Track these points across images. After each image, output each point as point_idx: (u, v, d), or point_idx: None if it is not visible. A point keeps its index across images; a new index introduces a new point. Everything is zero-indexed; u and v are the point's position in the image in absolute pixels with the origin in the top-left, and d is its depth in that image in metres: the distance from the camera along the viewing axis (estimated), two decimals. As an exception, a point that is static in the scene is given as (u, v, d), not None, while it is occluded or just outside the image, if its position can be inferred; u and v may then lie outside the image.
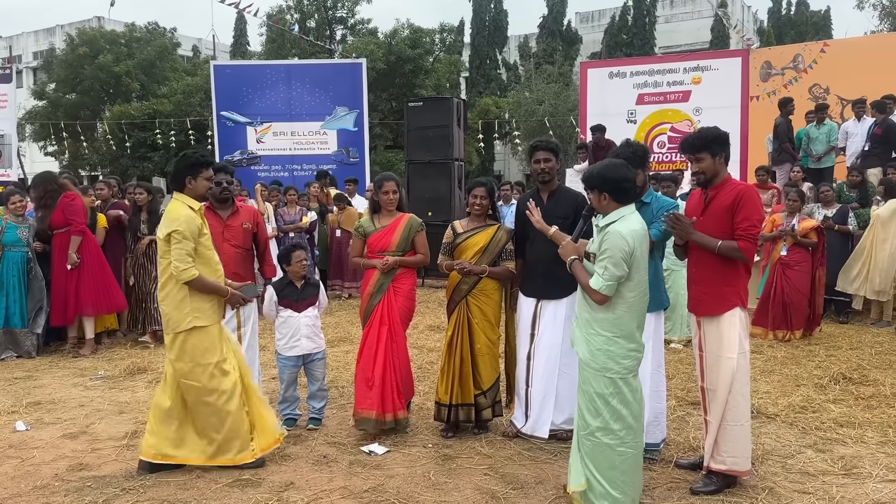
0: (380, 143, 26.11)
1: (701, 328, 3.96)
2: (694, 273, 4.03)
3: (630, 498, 3.50)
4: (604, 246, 3.47)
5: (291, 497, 3.82)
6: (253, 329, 5.24)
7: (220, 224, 5.05)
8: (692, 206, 4.16)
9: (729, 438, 3.83)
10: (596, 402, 3.52)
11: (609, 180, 3.56)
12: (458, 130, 12.37)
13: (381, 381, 4.66)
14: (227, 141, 14.75)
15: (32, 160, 32.60)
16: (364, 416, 4.67)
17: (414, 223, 4.92)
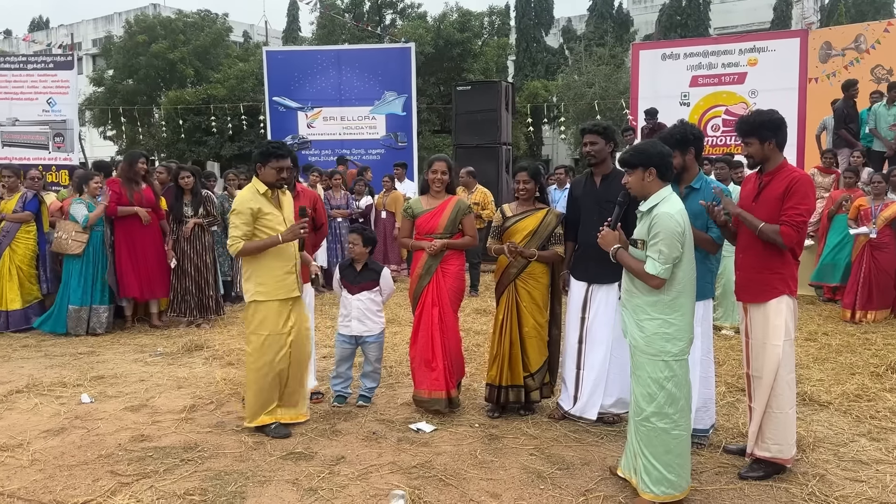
0: (427, 129, 26.15)
1: (748, 314, 3.93)
2: (741, 259, 3.99)
3: (684, 480, 3.50)
4: (655, 230, 3.43)
5: (343, 470, 3.94)
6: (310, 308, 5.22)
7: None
8: (747, 191, 4.10)
9: (773, 426, 3.82)
10: (651, 388, 3.49)
11: (654, 155, 3.52)
12: (507, 114, 12.35)
13: (441, 360, 4.77)
14: (279, 126, 14.99)
15: (92, 144, 33.61)
16: (434, 397, 4.78)
17: (462, 205, 4.97)
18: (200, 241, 7.69)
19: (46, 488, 3.68)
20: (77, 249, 7.28)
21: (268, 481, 3.79)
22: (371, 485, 3.76)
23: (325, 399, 5.15)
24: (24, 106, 14.24)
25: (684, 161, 4.32)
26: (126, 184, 7.56)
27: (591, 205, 4.72)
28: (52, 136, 14.32)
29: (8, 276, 7.48)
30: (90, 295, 7.34)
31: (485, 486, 3.74)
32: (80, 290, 7.29)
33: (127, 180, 7.57)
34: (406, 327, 7.49)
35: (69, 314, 7.28)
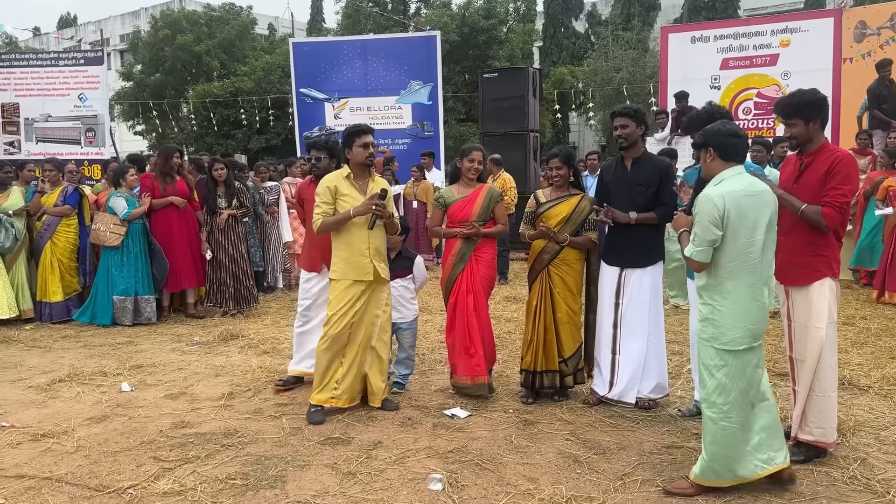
0: (452, 117, 26.08)
1: (790, 298, 3.88)
2: (782, 242, 3.91)
3: (730, 473, 3.38)
4: (695, 210, 3.39)
5: (380, 455, 3.98)
6: None
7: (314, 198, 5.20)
8: (787, 172, 4.04)
9: (816, 409, 3.77)
10: (702, 373, 3.44)
11: (712, 135, 3.47)
12: (534, 101, 12.28)
13: (480, 346, 4.82)
14: (307, 117, 15.05)
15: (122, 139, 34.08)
16: (478, 383, 4.82)
17: (494, 193, 4.98)
18: (235, 231, 7.78)
19: (92, 473, 3.77)
20: (115, 241, 7.40)
21: (307, 465, 3.85)
22: (408, 469, 3.79)
23: None
24: (57, 102, 14.47)
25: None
26: (160, 177, 7.69)
27: (622, 189, 4.70)
28: (84, 131, 14.54)
29: (50, 268, 7.64)
30: (134, 286, 7.46)
31: (521, 471, 3.76)
32: (124, 280, 7.41)
33: (161, 174, 7.70)
34: (437, 315, 7.52)
35: (115, 305, 7.41)
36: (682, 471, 3.71)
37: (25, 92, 14.54)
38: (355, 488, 3.58)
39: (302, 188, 5.46)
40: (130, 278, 7.45)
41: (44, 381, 5.43)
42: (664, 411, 4.65)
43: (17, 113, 14.47)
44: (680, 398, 4.88)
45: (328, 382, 4.63)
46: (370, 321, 4.66)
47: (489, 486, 3.58)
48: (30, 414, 4.74)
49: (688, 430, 4.30)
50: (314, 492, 3.54)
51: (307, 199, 5.24)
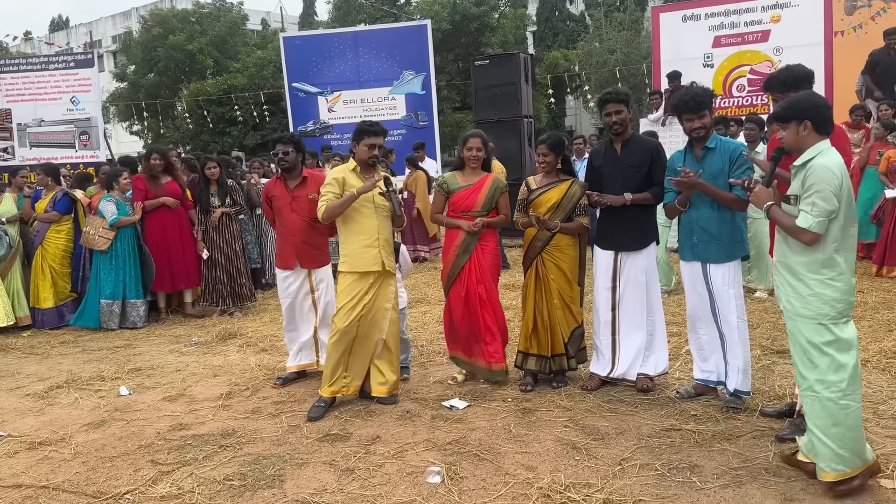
0: (447, 106, 26.00)
1: None
2: None
3: (859, 457, 3.22)
4: (809, 181, 3.23)
5: (378, 450, 3.97)
6: (327, 291, 5.22)
7: (287, 195, 5.14)
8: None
9: None
10: (811, 353, 3.27)
11: (810, 108, 3.32)
12: (527, 87, 12.20)
13: (498, 335, 4.87)
14: (300, 111, 15.01)
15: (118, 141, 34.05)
16: (496, 370, 4.87)
17: (500, 184, 4.95)
18: (229, 229, 7.75)
19: (90, 480, 3.77)
20: (103, 246, 7.40)
21: (305, 463, 3.84)
22: (407, 463, 3.78)
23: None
24: (49, 106, 14.44)
25: (711, 121, 4.28)
26: (149, 180, 7.67)
27: (614, 172, 4.68)
28: (77, 134, 14.51)
29: (42, 274, 7.63)
30: (122, 289, 7.45)
31: (520, 460, 3.75)
32: (112, 284, 7.40)
33: (150, 177, 7.68)
34: (435, 306, 7.50)
35: (101, 308, 7.40)
36: (680, 454, 3.70)
37: (17, 97, 14.51)
38: (353, 484, 3.57)
39: (269, 186, 5.35)
40: (119, 282, 7.43)
41: (41, 388, 5.43)
42: (662, 394, 4.64)
43: (9, 119, 14.45)
44: (678, 380, 4.86)
45: (338, 376, 4.65)
46: (380, 314, 4.65)
47: (488, 477, 3.57)
48: (27, 422, 4.73)
49: (686, 412, 4.28)
50: (312, 490, 3.53)
51: (276, 195, 5.21)
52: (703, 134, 4.31)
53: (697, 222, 4.35)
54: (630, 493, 3.32)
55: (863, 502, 3.16)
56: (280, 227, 5.22)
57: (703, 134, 4.31)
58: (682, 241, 4.48)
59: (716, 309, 4.37)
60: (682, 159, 4.43)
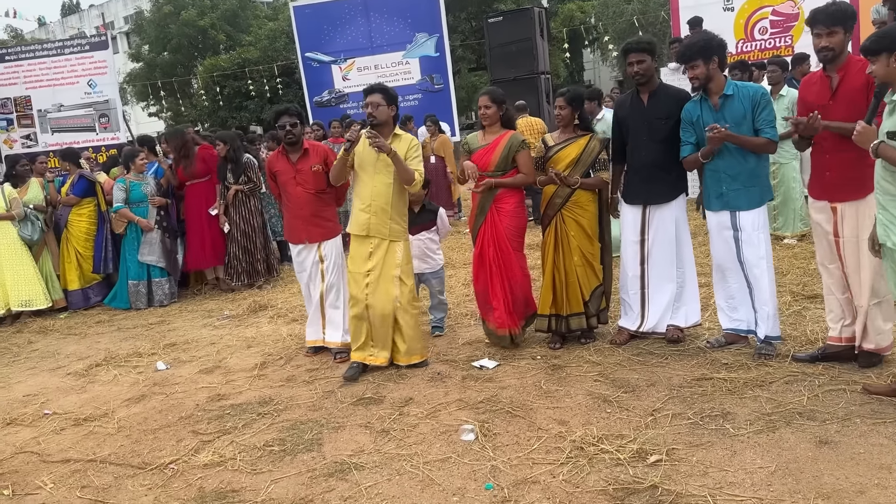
0: (464, 66, 25.69)
1: (837, 214, 3.87)
2: (829, 160, 3.88)
3: None
4: None
5: (412, 411, 4.03)
6: (335, 263, 5.15)
7: (290, 168, 5.07)
8: (816, 91, 3.95)
9: (873, 316, 3.83)
10: None
11: None
12: (542, 42, 12.03)
13: (500, 298, 4.80)
14: (315, 81, 14.92)
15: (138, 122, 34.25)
16: (500, 334, 4.86)
17: (514, 141, 4.76)
18: (245, 206, 7.75)
19: (134, 452, 3.88)
20: (119, 228, 7.63)
21: (341, 427, 3.92)
22: (440, 422, 3.84)
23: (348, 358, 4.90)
24: (67, 91, 14.49)
25: (707, 71, 4.19)
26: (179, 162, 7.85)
27: (640, 124, 4.60)
28: (97, 117, 14.59)
29: (68, 257, 7.78)
30: (147, 269, 7.57)
31: (551, 415, 3.78)
32: (136, 265, 7.54)
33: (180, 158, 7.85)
34: (460, 269, 7.54)
35: (129, 289, 7.57)
36: (713, 402, 3.71)
37: (35, 83, 14.59)
38: (390, 445, 3.64)
39: (272, 161, 5.25)
40: (144, 263, 7.56)
41: (81, 367, 5.57)
42: (692, 344, 4.64)
43: (29, 105, 14.55)
44: (708, 330, 4.85)
45: (364, 341, 4.72)
46: (388, 282, 4.64)
47: (520, 433, 3.62)
48: (70, 400, 4.88)
49: (717, 362, 4.28)
50: (350, 451, 3.60)
51: (279, 170, 5.13)
52: (696, 84, 4.24)
53: (725, 171, 4.28)
54: (663, 442, 3.35)
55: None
56: (287, 201, 5.16)
57: (696, 84, 4.24)
58: (709, 192, 4.41)
59: (742, 258, 4.33)
60: (697, 110, 4.34)
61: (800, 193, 7.24)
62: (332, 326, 5.17)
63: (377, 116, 4.56)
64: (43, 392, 5.10)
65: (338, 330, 5.15)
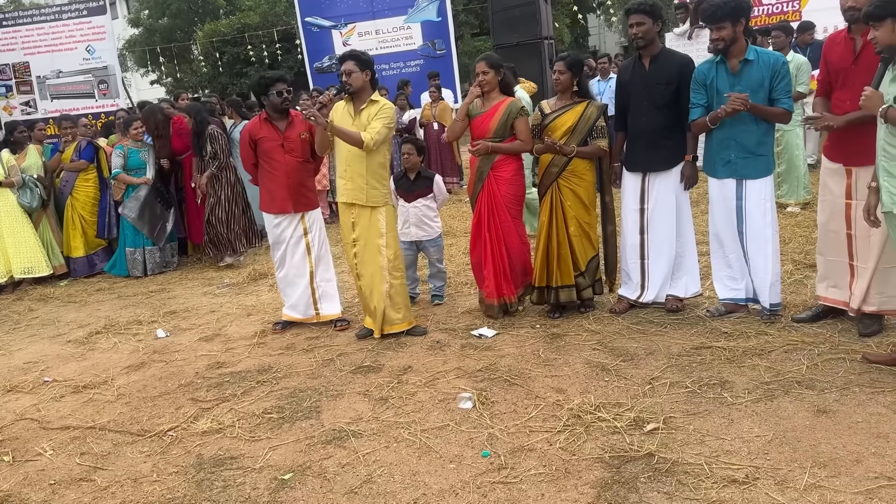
0: (466, 32, 25.32)
1: (852, 177, 3.87)
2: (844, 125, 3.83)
3: None
4: None
5: (410, 379, 4.04)
6: (320, 233, 5.15)
7: (278, 136, 4.97)
8: (838, 53, 3.89)
9: (883, 280, 3.83)
10: None
11: None
12: (546, 6, 11.81)
13: (491, 267, 4.77)
14: (315, 47, 14.73)
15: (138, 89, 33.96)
16: (488, 303, 4.87)
17: (513, 108, 4.69)
18: (218, 180, 7.42)
19: (133, 419, 3.90)
20: (117, 195, 7.59)
21: (340, 395, 3.92)
22: (439, 390, 3.85)
23: (351, 327, 5.08)
24: (65, 57, 14.35)
25: (734, 33, 4.10)
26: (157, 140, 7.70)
27: (641, 89, 4.53)
28: (96, 83, 14.47)
29: (72, 224, 7.75)
30: (142, 237, 7.54)
31: (549, 383, 3.78)
32: (133, 232, 7.52)
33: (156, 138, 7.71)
34: (460, 238, 7.51)
35: (127, 256, 7.57)
36: (711, 371, 3.70)
37: (33, 49, 14.44)
38: (388, 412, 3.65)
39: (253, 128, 5.07)
40: (139, 230, 7.53)
41: (82, 335, 5.58)
42: (692, 313, 4.62)
43: (28, 72, 14.43)
44: (708, 299, 4.83)
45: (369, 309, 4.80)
46: (372, 249, 4.65)
47: (518, 401, 3.62)
48: (70, 367, 4.89)
49: (717, 330, 4.27)
50: (348, 419, 3.61)
51: (263, 137, 4.98)
52: (721, 47, 4.14)
53: (735, 138, 4.22)
54: (661, 411, 3.35)
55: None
56: (271, 170, 5.00)
57: (721, 47, 4.14)
58: (715, 158, 4.36)
59: (743, 228, 4.30)
60: (713, 72, 4.25)
61: (803, 161, 7.18)
62: (326, 299, 5.16)
63: (352, 84, 4.50)
64: (43, 359, 5.11)
65: (333, 301, 5.16)
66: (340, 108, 4.64)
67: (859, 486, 2.63)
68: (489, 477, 2.95)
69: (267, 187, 5.07)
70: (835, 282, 4.11)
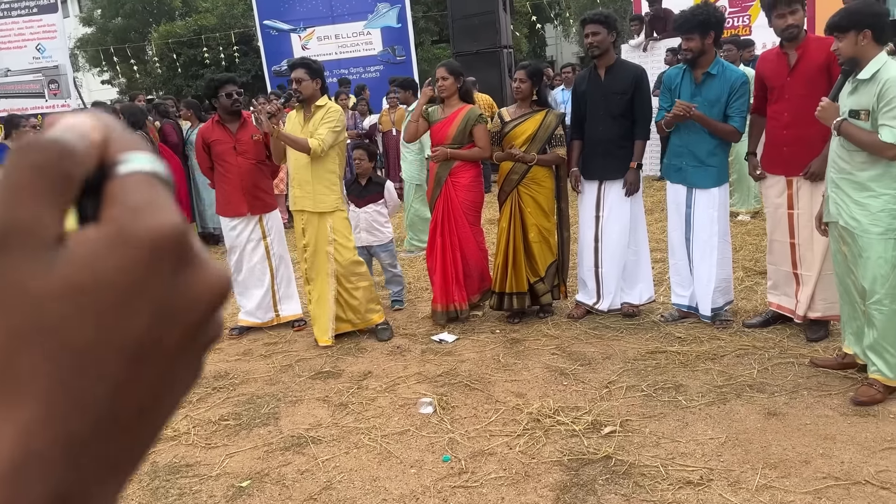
0: (427, 38, 25.41)
1: (792, 187, 3.99)
2: (786, 135, 3.97)
3: None
4: (890, 94, 3.11)
5: (370, 384, 4.03)
6: (279, 236, 5.13)
7: (230, 138, 4.93)
8: (773, 67, 4.03)
9: (827, 286, 3.94)
10: (882, 269, 3.22)
11: (868, 15, 3.23)
12: (505, 15, 11.95)
13: (441, 273, 4.79)
14: (274, 50, 14.62)
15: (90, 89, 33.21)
16: (433, 309, 4.88)
17: (471, 115, 4.74)
18: None
19: (87, 426, 3.81)
20: None
21: (299, 401, 3.90)
22: (399, 395, 3.85)
23: (306, 326, 5.06)
24: (14, 55, 13.97)
25: (703, 45, 4.19)
26: None
27: (598, 99, 4.62)
28: (46, 83, 14.11)
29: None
30: None
31: (509, 387, 3.82)
32: None
33: None
34: (421, 242, 7.52)
35: None
36: (666, 375, 3.78)
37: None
38: (348, 418, 3.63)
39: (206, 132, 5.03)
40: None
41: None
42: (647, 318, 4.72)
43: (-26, 70, 14.02)
44: (662, 304, 4.93)
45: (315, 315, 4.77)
46: (322, 256, 4.65)
47: (478, 405, 3.64)
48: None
49: (670, 335, 4.36)
50: (307, 425, 3.59)
51: (216, 139, 4.94)
52: (689, 57, 4.25)
53: (688, 146, 4.33)
54: (617, 414, 3.41)
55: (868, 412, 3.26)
56: (224, 173, 4.95)
57: (689, 57, 4.25)
58: (669, 163, 4.49)
59: (690, 235, 4.42)
60: (679, 78, 4.36)
61: (754, 171, 7.38)
62: (287, 300, 5.15)
63: (302, 91, 4.50)
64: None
65: (294, 301, 5.16)
66: (293, 117, 4.64)
67: (808, 486, 2.72)
68: (449, 481, 2.96)
69: (222, 190, 5.04)
70: (783, 290, 4.24)
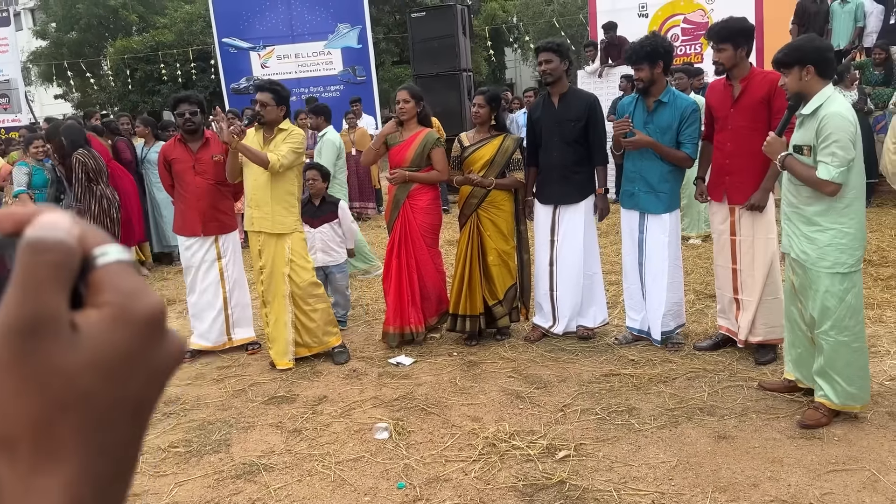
0: (387, 59, 25.52)
1: (734, 215, 4.10)
2: (731, 164, 4.08)
3: (866, 392, 3.36)
4: (826, 131, 3.17)
5: (325, 409, 3.99)
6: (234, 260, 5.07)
7: (189, 157, 4.88)
8: (719, 98, 4.16)
9: (767, 311, 4.06)
10: (829, 301, 3.26)
11: (811, 51, 3.27)
12: (465, 39, 12.08)
13: (395, 295, 4.79)
14: (232, 68, 14.52)
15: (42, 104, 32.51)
16: (384, 331, 4.87)
17: (430, 138, 4.77)
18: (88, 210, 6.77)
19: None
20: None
21: (251, 427, 3.83)
22: (354, 420, 3.81)
23: (260, 350, 5.02)
24: (-37, 68, 13.66)
25: (652, 75, 4.30)
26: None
27: (551, 126, 4.69)
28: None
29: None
30: None
31: (465, 411, 3.82)
32: None
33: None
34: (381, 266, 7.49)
35: None
36: (619, 398, 3.83)
37: (-74, 60, 13.67)
38: (301, 445, 3.59)
39: (167, 150, 4.99)
40: None
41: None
42: (602, 341, 4.77)
43: (-81, 83, 13.63)
44: (616, 327, 5.00)
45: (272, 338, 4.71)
46: (280, 278, 4.60)
47: (435, 430, 3.63)
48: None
49: (624, 358, 4.42)
50: (260, 452, 3.53)
51: (176, 158, 4.89)
52: (640, 86, 4.35)
53: (640, 172, 4.43)
54: (572, 438, 3.43)
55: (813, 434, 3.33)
56: (182, 192, 4.91)
57: (640, 86, 4.35)
58: (623, 188, 4.58)
59: (642, 260, 4.51)
60: (632, 105, 4.47)
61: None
62: (240, 324, 5.09)
63: (265, 115, 4.48)
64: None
65: (247, 326, 5.10)
66: (251, 135, 4.58)
67: (755, 508, 2.77)
68: (404, 508, 2.94)
69: (179, 209, 5.00)
70: (727, 314, 4.35)
